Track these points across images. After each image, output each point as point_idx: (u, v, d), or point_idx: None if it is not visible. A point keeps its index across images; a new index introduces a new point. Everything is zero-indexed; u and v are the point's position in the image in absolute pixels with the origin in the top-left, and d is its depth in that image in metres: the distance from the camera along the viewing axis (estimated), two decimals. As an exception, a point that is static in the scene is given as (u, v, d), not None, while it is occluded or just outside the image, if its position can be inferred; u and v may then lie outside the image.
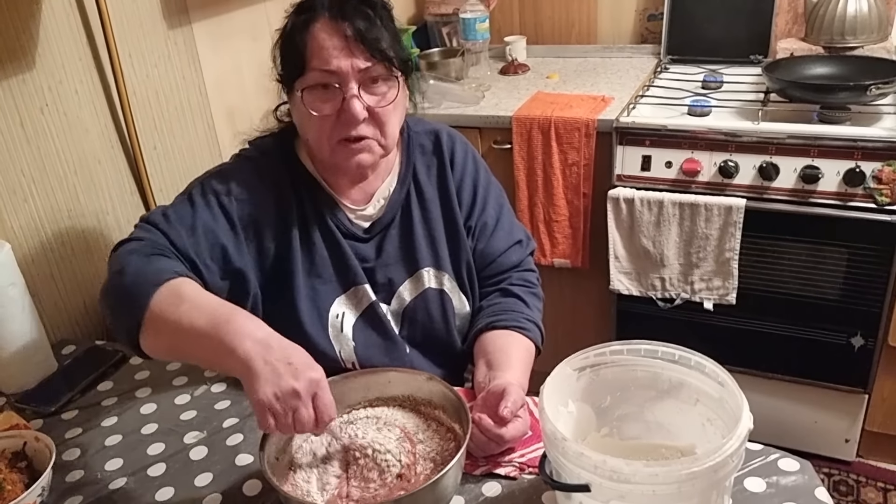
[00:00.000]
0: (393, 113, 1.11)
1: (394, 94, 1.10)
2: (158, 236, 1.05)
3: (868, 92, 1.73)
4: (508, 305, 1.23)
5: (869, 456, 2.11)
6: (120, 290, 0.97)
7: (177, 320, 0.91)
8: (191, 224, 1.07)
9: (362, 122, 1.07)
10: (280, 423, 0.84)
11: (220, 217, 1.10)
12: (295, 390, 0.83)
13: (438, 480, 0.84)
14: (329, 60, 1.04)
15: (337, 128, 1.08)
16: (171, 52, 1.71)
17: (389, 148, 1.14)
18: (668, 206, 1.90)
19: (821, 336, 1.93)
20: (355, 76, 1.06)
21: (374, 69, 1.07)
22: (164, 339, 0.94)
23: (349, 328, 1.18)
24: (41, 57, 1.42)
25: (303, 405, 0.84)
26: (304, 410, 0.84)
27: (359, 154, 1.10)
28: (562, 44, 2.60)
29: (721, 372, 0.86)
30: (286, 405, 0.83)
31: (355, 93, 1.06)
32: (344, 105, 1.06)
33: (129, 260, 0.99)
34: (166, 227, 1.06)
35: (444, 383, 0.99)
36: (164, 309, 0.92)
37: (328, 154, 1.12)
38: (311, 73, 1.06)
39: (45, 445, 1.02)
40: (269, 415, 0.83)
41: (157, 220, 1.07)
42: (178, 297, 0.93)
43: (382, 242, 1.21)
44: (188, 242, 1.06)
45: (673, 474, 0.74)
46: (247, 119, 1.94)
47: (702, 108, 1.93)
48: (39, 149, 1.43)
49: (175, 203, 1.12)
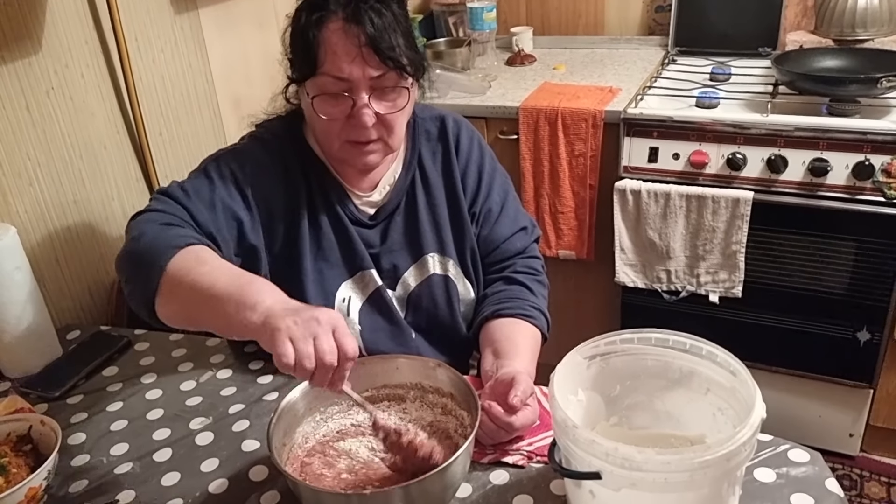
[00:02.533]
0: (401, 118, 1.11)
1: (404, 101, 1.09)
2: (178, 209, 1.05)
3: (878, 85, 1.71)
4: (513, 293, 1.23)
5: (873, 451, 2.10)
6: (138, 253, 0.96)
7: (196, 281, 0.90)
8: (209, 199, 1.08)
9: (370, 127, 1.07)
10: (300, 352, 0.78)
11: (236, 194, 1.10)
12: (315, 318, 0.80)
13: (447, 468, 0.83)
14: (341, 67, 1.03)
15: (346, 129, 1.08)
16: (178, 37, 1.70)
17: (395, 148, 1.15)
18: (674, 199, 1.89)
19: (826, 330, 1.92)
20: (366, 84, 1.05)
21: (387, 77, 1.06)
22: (182, 300, 0.93)
23: (355, 312, 1.18)
24: (47, 40, 1.41)
25: (323, 332, 0.79)
26: (324, 338, 0.79)
27: (367, 155, 1.11)
28: (569, 35, 2.58)
29: (733, 361, 0.85)
30: (306, 330, 0.79)
31: (366, 102, 1.05)
32: (354, 112, 1.06)
33: (147, 227, 0.99)
34: (186, 201, 1.06)
35: (452, 370, 0.98)
36: (184, 270, 0.92)
37: (336, 151, 1.12)
38: (323, 78, 1.05)
39: (51, 429, 1.02)
40: (288, 341, 0.78)
41: (175, 193, 1.07)
42: (199, 260, 0.93)
43: (387, 229, 1.21)
44: (208, 217, 1.06)
45: (685, 462, 0.73)
46: (253, 108, 1.93)
47: (710, 100, 1.92)
48: (45, 133, 1.42)
49: (191, 178, 1.11)
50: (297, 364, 0.79)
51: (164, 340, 1.34)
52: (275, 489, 0.97)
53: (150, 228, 0.99)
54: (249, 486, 0.99)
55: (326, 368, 0.80)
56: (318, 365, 0.79)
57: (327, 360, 0.79)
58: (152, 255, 0.94)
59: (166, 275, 0.92)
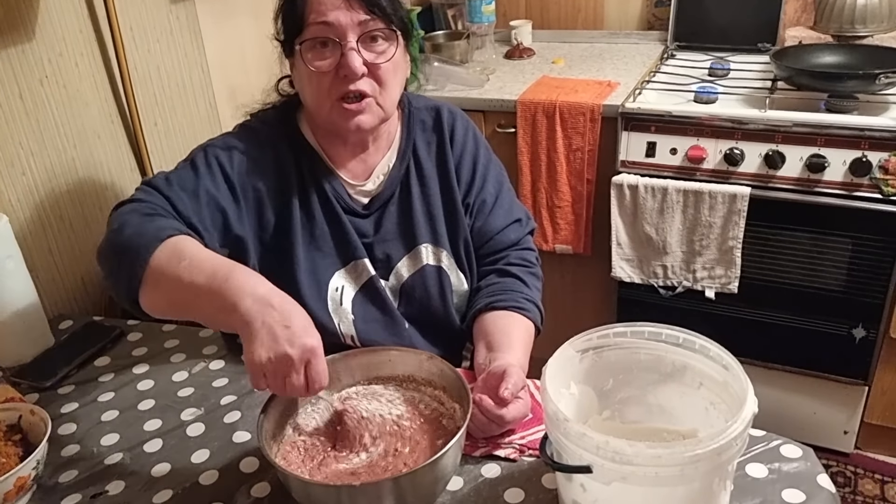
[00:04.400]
0: (393, 73, 1.10)
1: (393, 51, 1.09)
2: (160, 199, 1.04)
3: (876, 81, 1.71)
4: (507, 285, 1.22)
5: (867, 448, 2.10)
6: (120, 247, 0.96)
7: (177, 277, 0.90)
8: (193, 189, 1.07)
9: (361, 77, 1.06)
10: (272, 386, 0.85)
11: (223, 184, 1.09)
12: (288, 357, 0.82)
13: (437, 460, 0.83)
14: (326, 13, 1.04)
15: (336, 84, 1.07)
16: (173, 26, 1.69)
17: (389, 111, 1.13)
18: (671, 193, 1.89)
19: (822, 327, 1.92)
20: (353, 29, 1.05)
21: (373, 24, 1.06)
22: (165, 295, 0.93)
23: (348, 302, 1.17)
24: (41, 28, 1.40)
25: (294, 372, 0.83)
26: (295, 377, 0.84)
27: (358, 115, 1.09)
28: (568, 29, 2.57)
29: (726, 355, 0.84)
30: (278, 370, 0.83)
31: (353, 46, 1.05)
32: (342, 60, 1.05)
33: (128, 218, 0.99)
34: (168, 191, 1.05)
35: (444, 363, 0.98)
36: (165, 265, 0.92)
37: (327, 113, 1.10)
38: (310, 28, 1.06)
39: (41, 419, 1.01)
40: (262, 377, 0.84)
41: (158, 183, 1.06)
42: (179, 253, 0.92)
43: (381, 218, 1.20)
44: (190, 207, 1.05)
45: (676, 456, 0.73)
46: (249, 98, 1.92)
47: (708, 95, 1.91)
48: (38, 121, 1.41)
49: (177, 168, 1.11)
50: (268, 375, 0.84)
51: (157, 331, 1.34)
52: (265, 481, 0.97)
53: (131, 219, 0.98)
54: (240, 478, 0.98)
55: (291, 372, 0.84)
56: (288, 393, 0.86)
57: (298, 394, 0.86)
58: (135, 249, 0.93)
59: (149, 268, 0.92)
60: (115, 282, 0.97)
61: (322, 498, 0.86)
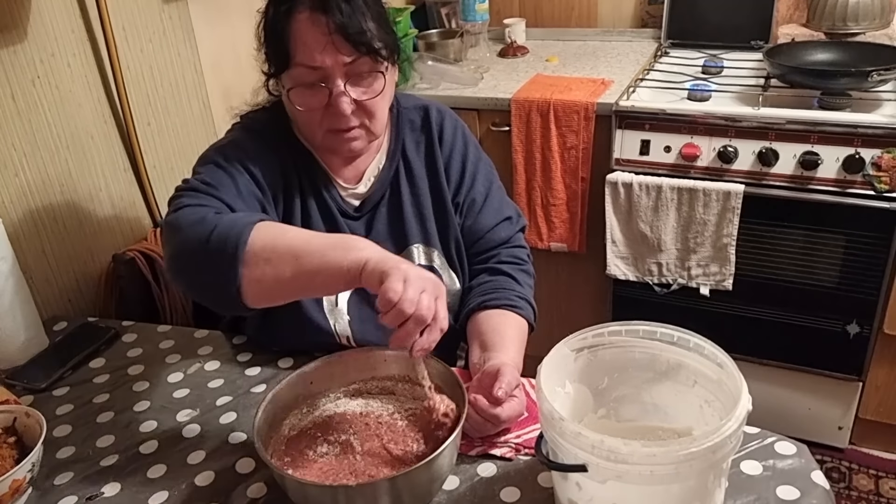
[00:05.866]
0: (381, 102, 1.11)
1: (381, 86, 1.09)
2: (213, 200, 1.00)
3: (869, 78, 1.72)
4: (499, 284, 1.22)
5: (861, 443, 2.11)
6: (206, 241, 0.90)
7: (289, 243, 0.90)
8: (236, 189, 1.05)
9: (350, 114, 1.07)
10: (407, 294, 0.81)
11: (251, 181, 1.09)
12: (427, 277, 0.84)
13: (433, 460, 0.83)
14: (313, 56, 1.03)
15: (326, 119, 1.08)
16: (166, 26, 1.69)
17: (379, 133, 1.14)
18: (666, 191, 1.89)
19: (816, 323, 1.93)
20: (340, 71, 1.04)
21: (360, 63, 1.05)
22: (277, 267, 0.89)
23: (344, 303, 1.18)
24: (33, 28, 1.39)
25: (429, 292, 0.84)
26: (429, 297, 0.83)
27: (350, 142, 1.11)
28: (561, 27, 2.58)
29: (720, 353, 0.85)
30: (419, 281, 0.83)
31: (342, 89, 1.05)
32: (331, 100, 1.06)
33: (198, 214, 0.94)
34: (217, 193, 1.02)
35: (440, 362, 0.98)
36: (270, 238, 0.90)
37: (320, 141, 1.12)
38: (297, 70, 1.05)
39: (36, 421, 1.01)
40: (401, 281, 0.81)
41: (201, 188, 1.02)
42: (279, 228, 0.93)
43: (372, 220, 1.20)
44: (241, 205, 1.03)
45: (670, 455, 0.73)
46: (243, 98, 1.91)
47: (702, 93, 1.91)
48: (31, 122, 1.41)
49: (204, 174, 1.06)
50: (398, 304, 0.80)
51: (152, 332, 1.34)
52: (261, 481, 0.97)
53: (207, 215, 0.94)
54: (236, 479, 0.98)
55: (420, 322, 0.82)
56: (414, 315, 0.82)
57: (425, 313, 0.82)
58: (226, 238, 0.89)
59: (250, 250, 0.89)
60: (207, 280, 0.92)
61: (318, 498, 0.86)
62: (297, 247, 0.89)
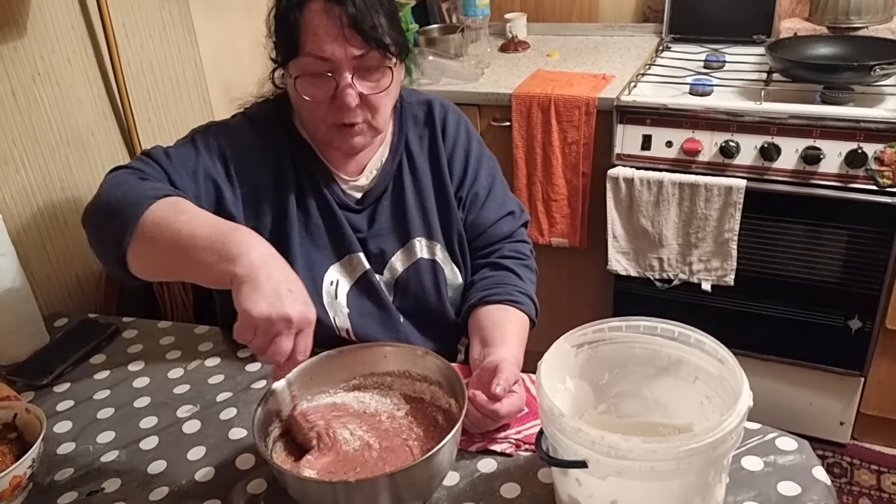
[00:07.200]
0: (386, 99, 1.11)
1: (388, 82, 1.09)
2: (158, 171, 1.05)
3: (872, 73, 1.71)
4: (501, 279, 1.22)
5: (863, 438, 2.11)
6: (112, 202, 0.95)
7: (175, 229, 0.89)
8: (192, 167, 1.08)
9: (354, 108, 1.07)
10: (257, 342, 0.82)
11: (220, 167, 1.10)
12: (288, 318, 0.81)
13: (433, 456, 0.83)
14: (323, 47, 1.03)
15: (331, 112, 1.08)
16: (166, 22, 1.68)
17: (382, 129, 1.14)
18: (667, 186, 1.89)
19: (818, 318, 1.93)
20: (349, 64, 1.04)
21: (369, 57, 1.05)
22: (159, 248, 0.91)
23: (343, 296, 1.18)
24: (33, 25, 1.39)
25: (286, 335, 0.82)
26: (285, 341, 0.82)
27: (352, 138, 1.11)
28: (563, 22, 2.57)
29: (721, 349, 0.84)
30: (272, 328, 0.81)
31: (349, 82, 1.05)
32: (337, 92, 1.06)
33: (124, 178, 0.99)
34: (167, 164, 1.06)
35: (440, 358, 0.98)
36: (162, 218, 0.91)
37: (323, 135, 1.12)
38: (305, 59, 1.05)
39: (36, 417, 1.01)
40: (252, 330, 0.81)
41: (158, 156, 1.07)
42: (177, 209, 0.92)
43: (374, 213, 1.20)
44: (187, 182, 1.06)
45: (671, 451, 0.73)
46: (243, 93, 1.91)
47: (703, 88, 1.91)
48: (31, 119, 1.41)
49: (177, 144, 1.12)
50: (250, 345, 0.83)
51: (153, 328, 1.33)
52: (261, 477, 0.97)
53: (127, 179, 0.99)
54: (236, 474, 0.98)
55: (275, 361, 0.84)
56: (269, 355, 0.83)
57: (275, 359, 0.83)
58: (130, 203, 0.93)
59: (142, 223, 0.91)
60: (102, 238, 0.96)
61: (317, 494, 0.86)
62: (179, 236, 0.89)
